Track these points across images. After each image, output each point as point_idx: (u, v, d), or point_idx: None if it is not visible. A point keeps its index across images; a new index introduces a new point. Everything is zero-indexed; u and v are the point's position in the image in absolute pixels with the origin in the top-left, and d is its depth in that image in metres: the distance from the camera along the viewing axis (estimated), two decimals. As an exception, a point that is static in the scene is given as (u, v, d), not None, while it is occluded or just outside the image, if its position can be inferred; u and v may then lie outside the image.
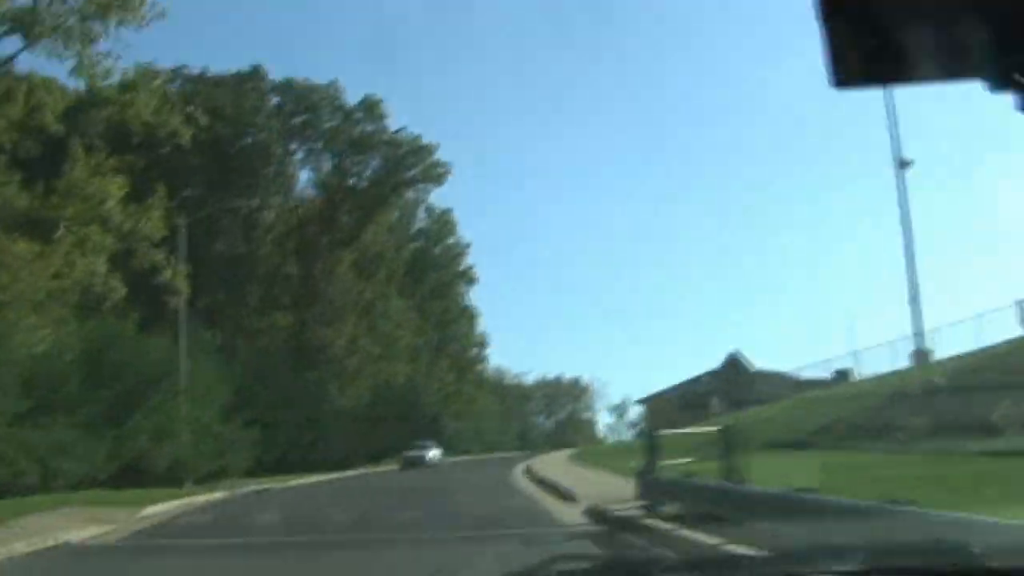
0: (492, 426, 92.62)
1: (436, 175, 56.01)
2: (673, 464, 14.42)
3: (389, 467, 48.01)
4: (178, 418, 30.14)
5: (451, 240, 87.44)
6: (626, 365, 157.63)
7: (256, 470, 38.15)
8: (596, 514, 14.15)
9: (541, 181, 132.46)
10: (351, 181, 56.28)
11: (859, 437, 29.85)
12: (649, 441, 14.53)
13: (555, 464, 33.66)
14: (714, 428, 14.54)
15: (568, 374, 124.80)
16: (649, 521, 11.96)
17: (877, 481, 11.79)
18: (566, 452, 56.38)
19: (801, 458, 23.79)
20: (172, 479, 29.40)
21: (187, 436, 30.55)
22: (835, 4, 1.74)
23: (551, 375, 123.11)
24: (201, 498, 24.41)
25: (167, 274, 26.93)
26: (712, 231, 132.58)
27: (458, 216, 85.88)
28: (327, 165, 56.65)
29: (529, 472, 29.57)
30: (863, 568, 2.49)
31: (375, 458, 52.91)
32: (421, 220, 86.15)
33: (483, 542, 11.82)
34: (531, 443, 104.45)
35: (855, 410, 35.24)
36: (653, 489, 12.92)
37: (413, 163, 55.91)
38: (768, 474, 12.61)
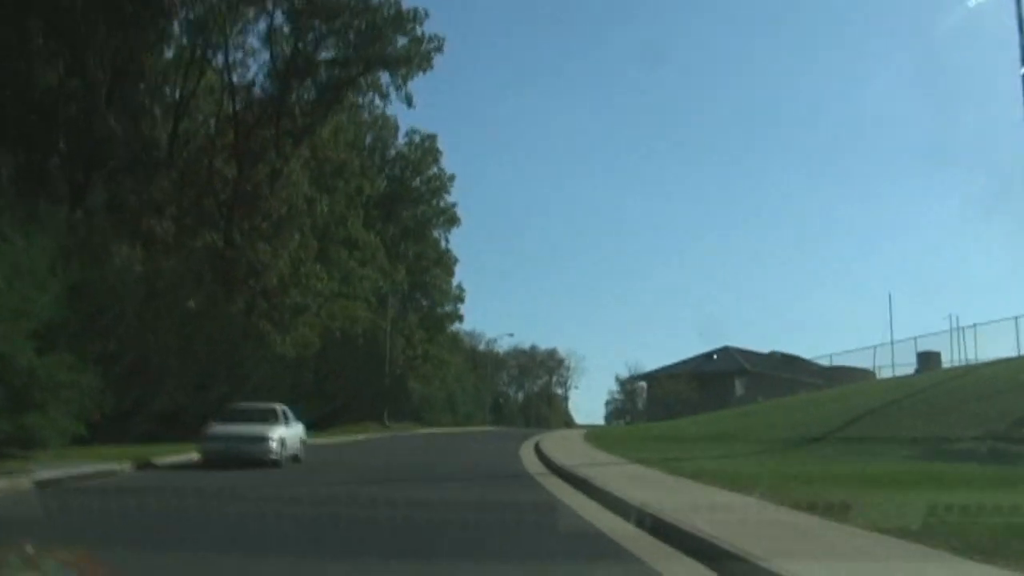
0: (466, 396, 78.40)
1: (421, 55, 41.49)
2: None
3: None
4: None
5: (433, 171, 73.09)
6: (605, 341, 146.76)
7: (123, 435, 24.39)
8: None
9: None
10: (312, 53, 41.73)
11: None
12: None
13: (634, 476, 18.00)
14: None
15: (542, 345, 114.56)
16: None
17: None
18: (571, 434, 42.99)
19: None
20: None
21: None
22: None
23: (525, 344, 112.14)
24: None
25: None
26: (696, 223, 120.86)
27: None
28: (283, 31, 42.08)
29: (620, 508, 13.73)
30: None
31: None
32: (400, 145, 72.32)
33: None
34: (505, 418, 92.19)
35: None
36: None
37: (393, 36, 41.42)
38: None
